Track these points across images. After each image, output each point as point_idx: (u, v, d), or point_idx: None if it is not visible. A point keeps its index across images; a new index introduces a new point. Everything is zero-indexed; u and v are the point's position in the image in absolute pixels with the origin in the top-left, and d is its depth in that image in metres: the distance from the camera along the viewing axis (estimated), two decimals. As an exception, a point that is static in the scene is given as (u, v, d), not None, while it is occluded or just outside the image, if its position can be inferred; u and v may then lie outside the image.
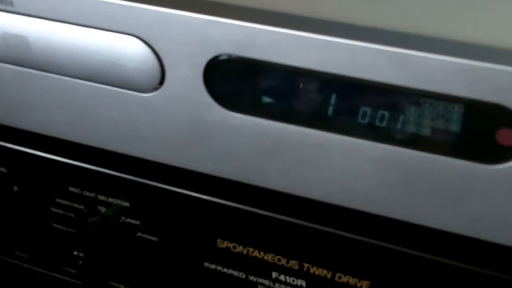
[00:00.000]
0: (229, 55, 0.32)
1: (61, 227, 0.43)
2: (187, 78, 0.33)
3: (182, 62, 0.33)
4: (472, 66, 0.28)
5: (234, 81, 0.33)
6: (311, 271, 0.37)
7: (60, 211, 0.42)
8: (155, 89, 0.34)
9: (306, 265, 0.37)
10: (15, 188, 0.42)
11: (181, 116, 0.34)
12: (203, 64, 0.32)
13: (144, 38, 0.33)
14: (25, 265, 0.47)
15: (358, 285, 0.37)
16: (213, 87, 0.33)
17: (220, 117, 0.33)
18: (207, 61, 0.32)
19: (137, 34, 0.33)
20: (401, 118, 0.31)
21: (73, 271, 0.45)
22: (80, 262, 0.40)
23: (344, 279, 0.37)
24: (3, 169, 0.42)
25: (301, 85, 0.32)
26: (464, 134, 0.30)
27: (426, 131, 0.31)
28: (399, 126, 0.31)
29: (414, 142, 0.31)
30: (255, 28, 0.31)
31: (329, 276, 0.37)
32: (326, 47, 0.30)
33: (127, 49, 0.33)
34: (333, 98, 0.31)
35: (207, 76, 0.33)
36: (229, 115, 0.33)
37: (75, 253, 0.39)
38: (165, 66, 0.33)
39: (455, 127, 0.30)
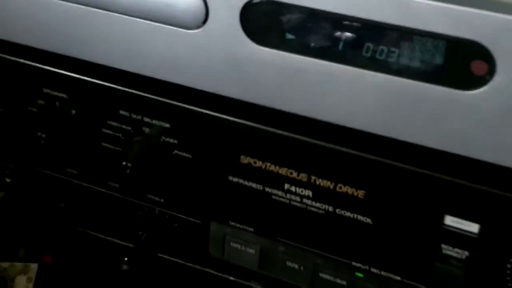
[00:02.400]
0: (262, -1, 0.40)
1: (109, 145, 0.51)
2: (226, 17, 0.41)
3: (223, 4, 0.41)
4: (454, 10, 0.36)
5: (264, 20, 0.41)
6: (317, 182, 0.46)
7: (110, 132, 0.50)
8: (199, 26, 0.42)
9: (313, 177, 0.46)
10: (73, 112, 0.50)
11: (219, 49, 0.42)
12: (240, 5, 0.40)
13: (193, -17, 0.41)
14: (75, 180, 0.55)
15: (355, 194, 0.45)
16: (248, 25, 0.41)
17: (252, 50, 0.42)
18: (243, 3, 0.40)
19: (188, -21, 0.41)
20: (396, 52, 0.39)
21: (116, 185, 0.53)
22: (128, 171, 0.48)
23: (344, 189, 0.45)
24: (64, 95, 0.50)
25: (317, 24, 0.40)
26: (446, 65, 0.38)
27: (416, 63, 0.39)
28: (395, 58, 0.39)
29: (406, 72, 0.39)
30: (284, -24, 0.39)
31: (331, 186, 0.46)
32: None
33: (179, -8, 0.41)
34: (343, 35, 0.39)
35: (243, 16, 0.41)
36: (259, 49, 0.41)
37: (124, 163, 0.47)
38: (209, 7, 0.41)
39: (439, 59, 0.38)
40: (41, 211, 0.58)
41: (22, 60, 0.49)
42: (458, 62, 0.38)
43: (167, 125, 0.48)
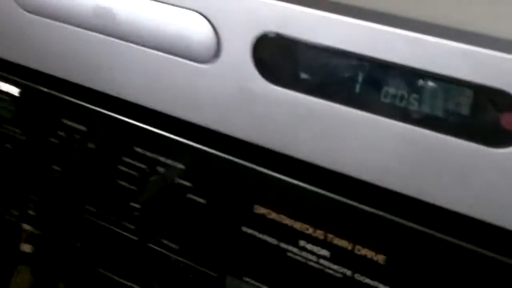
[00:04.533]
0: (274, 34, 0.37)
1: (125, 184, 0.49)
2: (238, 52, 0.38)
3: (235, 37, 0.38)
4: (479, 53, 0.31)
5: (277, 57, 0.37)
6: (334, 241, 0.41)
7: (125, 169, 0.48)
8: (211, 61, 0.39)
9: (330, 235, 0.41)
10: (91, 145, 0.49)
11: (231, 86, 0.39)
12: (252, 40, 0.37)
13: (205, 13, 0.38)
14: (94, 219, 0.53)
15: (375, 258, 0.40)
16: (260, 62, 0.38)
17: (264, 89, 0.38)
18: (255, 38, 0.37)
19: (200, 10, 0.38)
20: (417, 99, 0.34)
21: (132, 227, 0.51)
22: (136, 213, 0.45)
23: (363, 251, 0.40)
24: (83, 127, 0.48)
25: (333, 64, 0.36)
26: (472, 117, 0.33)
27: (439, 112, 0.34)
28: (415, 106, 0.34)
29: (427, 122, 0.34)
30: (297, 9, 0.35)
31: (349, 247, 0.41)
32: (354, 28, 0.34)
33: (191, 24, 0.39)
34: (360, 77, 0.35)
35: (255, 52, 0.38)
36: (271, 87, 0.38)
37: (132, 204, 0.45)
38: (221, 40, 0.38)
39: (464, 110, 0.33)
40: (60, 249, 0.56)
41: (45, 89, 0.49)
42: (486, 114, 0.33)
43: (182, 166, 0.45)
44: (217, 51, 0.39)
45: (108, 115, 0.47)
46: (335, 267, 0.42)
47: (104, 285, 0.57)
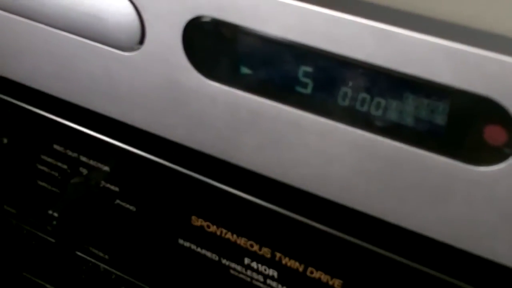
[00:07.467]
0: (209, 18, 0.30)
1: (45, 185, 0.42)
2: (166, 38, 0.31)
3: (162, 21, 0.31)
4: (462, 51, 0.25)
5: (213, 47, 0.31)
6: (283, 261, 0.35)
7: (45, 169, 0.41)
8: (135, 48, 0.32)
9: (278, 254, 0.35)
10: (5, 141, 0.41)
11: (159, 78, 0.32)
12: (183, 25, 0.30)
13: (126, -9, 0.31)
14: (13, 220, 0.46)
15: (330, 283, 0.34)
16: (192, 51, 0.31)
17: (197, 83, 0.31)
18: (186, 22, 0.30)
19: (119, -14, 0.31)
20: (383, 104, 0.28)
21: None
22: (54, 222, 0.38)
23: (316, 274, 0.34)
24: (-8, 119, 0.41)
25: (280, 58, 0.29)
26: (449, 128, 0.27)
27: (408, 121, 0.28)
28: (380, 112, 0.28)
29: (394, 131, 0.28)
30: (236, -11, 0.28)
31: (301, 269, 0.35)
32: (306, 15, 0.27)
33: (110, 3, 0.32)
34: (313, 74, 0.29)
35: (186, 39, 0.31)
36: (206, 82, 0.31)
37: (50, 212, 0.38)
38: (145, 24, 0.31)
39: (439, 119, 0.27)
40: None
41: None
42: (466, 126, 0.26)
43: (106, 169, 0.38)
44: (140, 36, 0.32)
45: (22, 107, 0.39)
46: (284, 289, 0.36)
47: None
